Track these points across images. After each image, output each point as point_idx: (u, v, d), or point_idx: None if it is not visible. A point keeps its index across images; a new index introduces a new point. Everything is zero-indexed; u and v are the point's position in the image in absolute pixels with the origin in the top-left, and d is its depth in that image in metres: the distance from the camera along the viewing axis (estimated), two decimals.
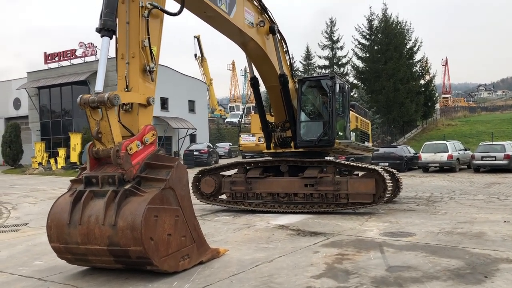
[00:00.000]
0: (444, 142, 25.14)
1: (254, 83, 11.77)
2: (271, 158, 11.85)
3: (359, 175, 11.20)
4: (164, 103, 42.39)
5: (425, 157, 23.97)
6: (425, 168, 24.26)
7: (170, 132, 41.66)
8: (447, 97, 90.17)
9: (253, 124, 13.03)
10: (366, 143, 14.16)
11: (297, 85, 11.66)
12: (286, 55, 11.36)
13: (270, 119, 11.86)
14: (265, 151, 12.09)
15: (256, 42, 9.90)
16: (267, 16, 10.32)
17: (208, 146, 34.98)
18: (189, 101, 46.68)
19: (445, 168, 23.83)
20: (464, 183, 17.63)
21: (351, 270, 5.92)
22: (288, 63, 11.46)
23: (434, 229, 8.49)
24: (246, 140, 12.72)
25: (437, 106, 55.85)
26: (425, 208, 11.31)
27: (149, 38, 6.38)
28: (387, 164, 21.53)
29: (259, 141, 12.18)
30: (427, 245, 7.18)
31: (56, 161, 32.87)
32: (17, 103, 44.23)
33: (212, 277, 5.78)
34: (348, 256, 6.64)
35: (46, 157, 34.80)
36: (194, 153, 31.85)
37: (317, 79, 12.39)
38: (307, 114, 11.96)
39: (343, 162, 11.02)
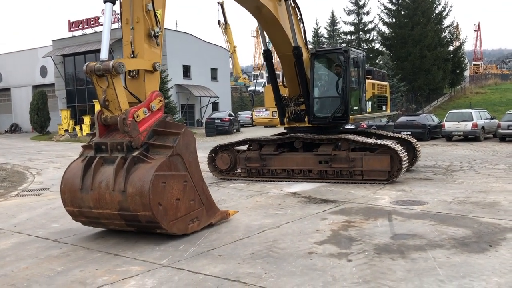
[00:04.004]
0: (469, 110, 24.48)
1: (267, 56, 11.61)
2: (285, 131, 11.78)
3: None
4: (186, 71, 42.40)
5: (448, 125, 23.45)
6: (449, 137, 23.75)
7: (192, 100, 41.84)
8: (478, 64, 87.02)
9: (266, 97, 12.66)
10: (383, 108, 13.88)
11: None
12: (300, 23, 11.08)
13: (283, 91, 11.68)
14: (279, 126, 12.05)
15: (268, 8, 9.72)
16: None
17: (230, 115, 35.01)
18: (212, 69, 46.52)
19: (469, 137, 23.29)
20: (487, 153, 17.24)
21: (355, 237, 5.97)
22: (303, 32, 11.19)
23: (447, 198, 8.42)
24: (260, 114, 12.43)
25: (467, 73, 53.96)
26: (442, 177, 11.16)
27: (153, 2, 6.34)
28: (409, 132, 21.18)
29: (272, 116, 12.01)
30: (437, 214, 7.15)
31: (81, 128, 33.65)
32: (43, 71, 44.94)
33: (218, 241, 5.93)
34: (354, 224, 6.68)
35: (72, 124, 35.64)
36: (216, 121, 31.98)
37: (330, 53, 12.13)
38: (321, 89, 11.74)
39: (357, 139, 10.72)
